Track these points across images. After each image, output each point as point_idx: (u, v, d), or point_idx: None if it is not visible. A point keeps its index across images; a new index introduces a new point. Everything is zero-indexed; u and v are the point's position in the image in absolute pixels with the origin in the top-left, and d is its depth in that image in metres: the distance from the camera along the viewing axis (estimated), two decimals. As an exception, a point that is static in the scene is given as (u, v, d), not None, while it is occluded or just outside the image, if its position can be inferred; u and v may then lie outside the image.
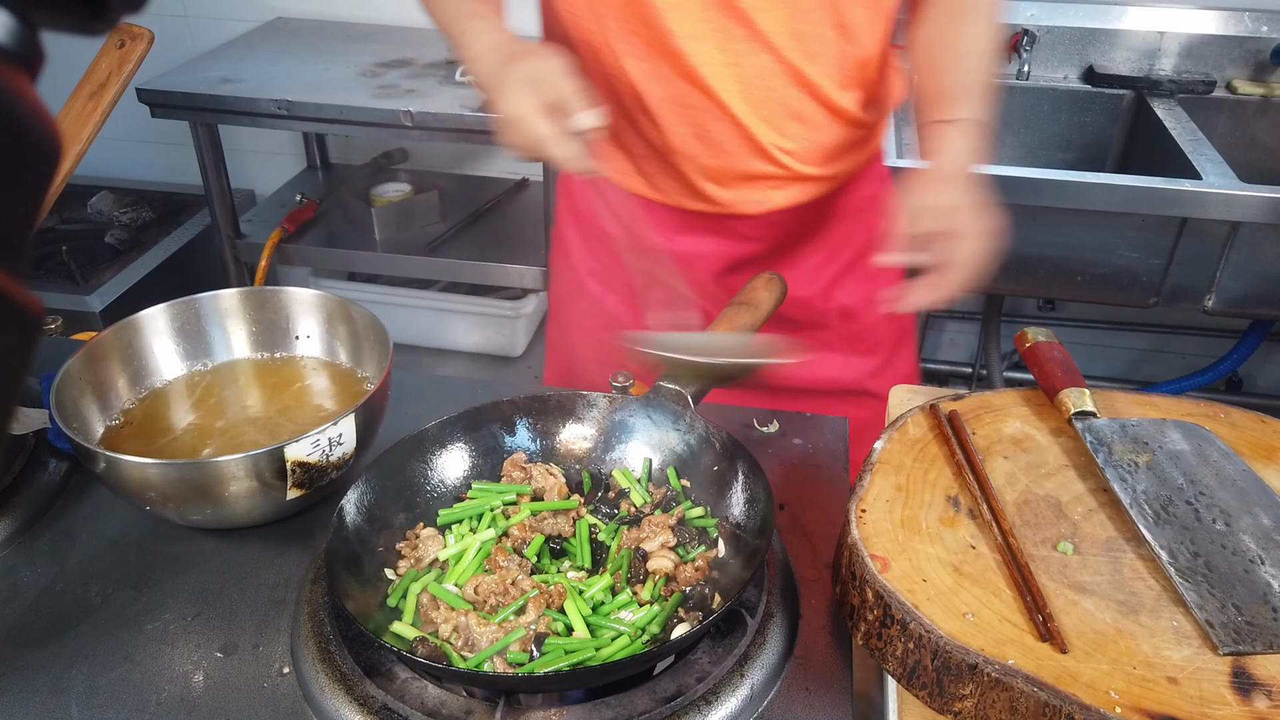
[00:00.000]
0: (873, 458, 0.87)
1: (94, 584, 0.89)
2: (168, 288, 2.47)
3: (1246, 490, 0.83)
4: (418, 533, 0.88)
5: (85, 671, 0.81)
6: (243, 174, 2.80)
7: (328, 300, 1.07)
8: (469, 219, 2.46)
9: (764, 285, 1.06)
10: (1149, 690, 0.65)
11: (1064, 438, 0.91)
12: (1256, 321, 2.37)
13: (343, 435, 0.89)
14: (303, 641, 0.80)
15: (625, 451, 0.97)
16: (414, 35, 2.50)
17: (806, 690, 0.79)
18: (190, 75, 2.20)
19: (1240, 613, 0.71)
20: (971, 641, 0.69)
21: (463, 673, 0.73)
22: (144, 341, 1.02)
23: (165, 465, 0.85)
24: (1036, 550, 0.78)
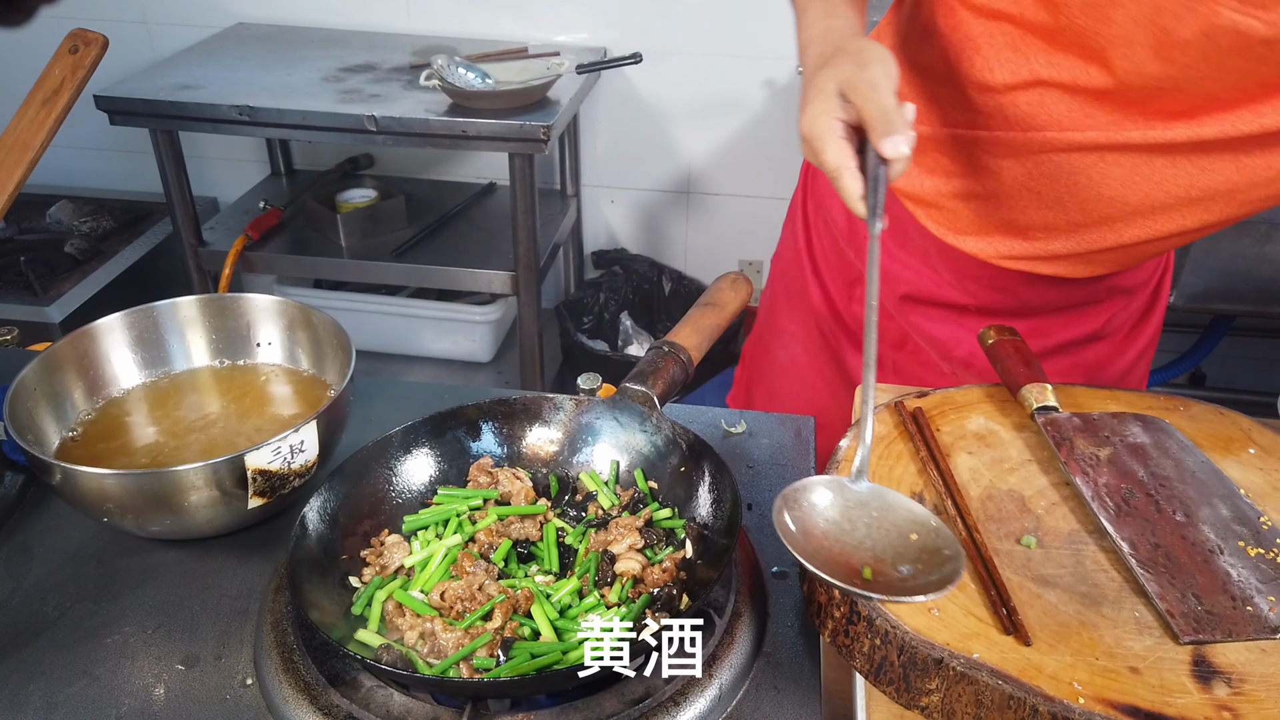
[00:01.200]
0: (838, 455, 0.87)
1: (51, 598, 0.88)
2: (129, 298, 2.42)
3: (1205, 482, 0.84)
4: (382, 540, 0.87)
5: (43, 687, 0.79)
6: (205, 181, 2.77)
7: (288, 307, 1.05)
8: (436, 224, 2.45)
9: (730, 285, 1.06)
10: (1112, 680, 0.66)
11: (1027, 433, 0.92)
12: (1218, 317, 2.40)
13: (304, 442, 0.88)
14: (266, 652, 0.79)
15: (592, 454, 0.96)
16: (377, 40, 2.49)
17: (775, 689, 0.79)
18: (150, 82, 2.17)
19: (1200, 602, 0.72)
20: (937, 636, 0.69)
21: (428, 679, 0.73)
22: (101, 351, 1.01)
23: (123, 475, 0.84)
24: (1000, 544, 0.78)
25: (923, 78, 1.02)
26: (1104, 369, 1.20)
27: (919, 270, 1.14)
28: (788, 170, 2.46)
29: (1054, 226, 1.01)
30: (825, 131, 0.79)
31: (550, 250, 2.40)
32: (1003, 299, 1.12)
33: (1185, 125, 0.88)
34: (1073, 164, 0.94)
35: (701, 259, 2.79)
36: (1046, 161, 0.96)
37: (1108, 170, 0.93)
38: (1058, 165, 0.95)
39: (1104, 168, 0.93)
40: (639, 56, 2.20)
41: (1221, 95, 0.85)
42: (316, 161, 2.78)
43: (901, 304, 1.17)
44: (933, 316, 1.17)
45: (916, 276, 1.14)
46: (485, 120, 2.04)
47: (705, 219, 2.74)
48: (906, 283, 1.15)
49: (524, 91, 2.08)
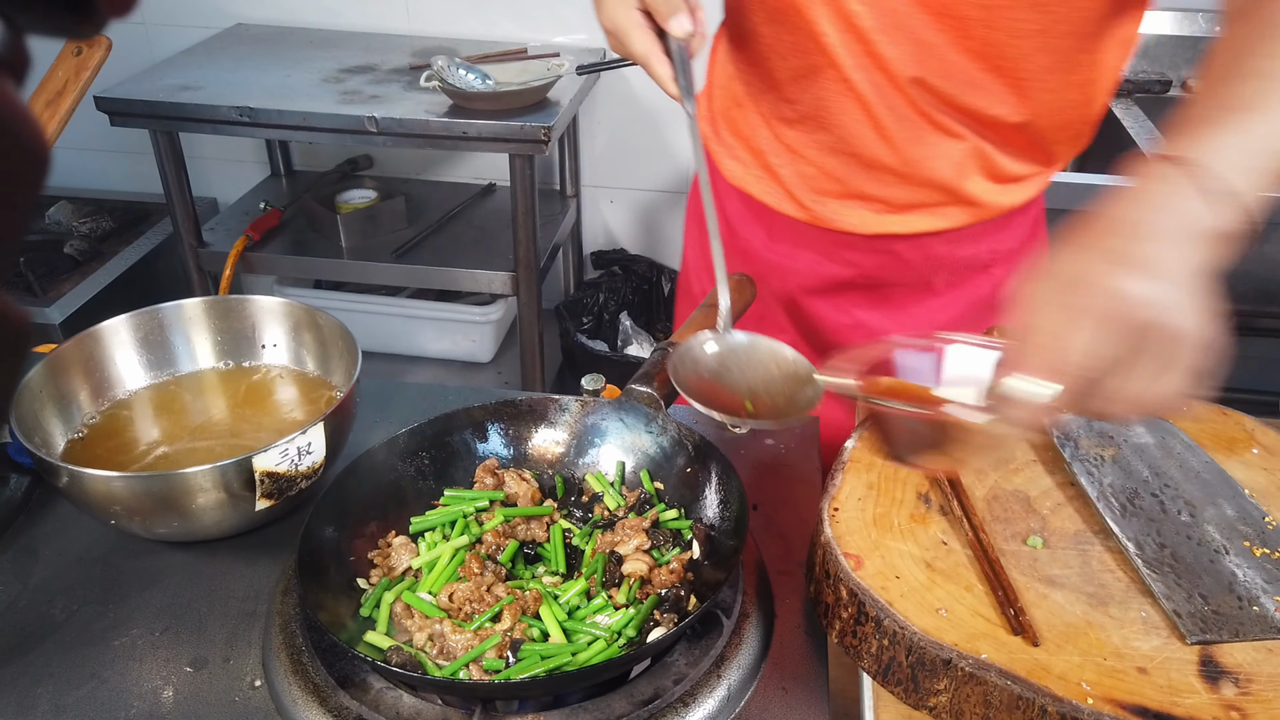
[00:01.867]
0: (844, 456, 0.88)
1: (59, 600, 0.88)
2: (129, 298, 2.42)
3: (1210, 482, 0.84)
4: (389, 541, 0.88)
5: (51, 690, 0.79)
6: (204, 182, 2.77)
7: (294, 308, 1.06)
8: (436, 225, 2.45)
9: (734, 287, 1.06)
10: (1120, 681, 0.66)
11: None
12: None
13: (311, 444, 0.88)
14: (274, 653, 0.79)
15: (598, 455, 0.97)
16: (377, 41, 2.49)
17: (783, 689, 0.79)
18: (149, 83, 2.17)
19: (1206, 602, 0.72)
20: (945, 637, 0.69)
21: (438, 681, 0.73)
22: (106, 353, 1.01)
23: (130, 478, 0.84)
24: (1007, 545, 0.79)
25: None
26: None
27: (811, 260, 1.16)
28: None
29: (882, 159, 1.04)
30: (626, 22, 0.86)
31: (550, 251, 2.40)
32: (887, 263, 1.13)
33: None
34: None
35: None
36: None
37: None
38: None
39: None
40: (639, 57, 2.20)
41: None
42: (316, 162, 2.78)
43: (803, 300, 1.20)
44: (830, 306, 1.19)
45: (808, 268, 1.17)
46: (485, 121, 2.04)
47: (705, 219, 2.74)
48: (798, 275, 1.18)
49: (524, 93, 2.08)
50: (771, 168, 1.12)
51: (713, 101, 1.19)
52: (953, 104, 0.98)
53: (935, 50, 0.94)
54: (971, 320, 1.18)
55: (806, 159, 1.08)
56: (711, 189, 0.87)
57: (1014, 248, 1.16)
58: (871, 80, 0.98)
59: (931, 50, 0.94)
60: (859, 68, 0.97)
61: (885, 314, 1.18)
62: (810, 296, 1.19)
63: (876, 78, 0.97)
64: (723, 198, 1.20)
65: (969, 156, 1.03)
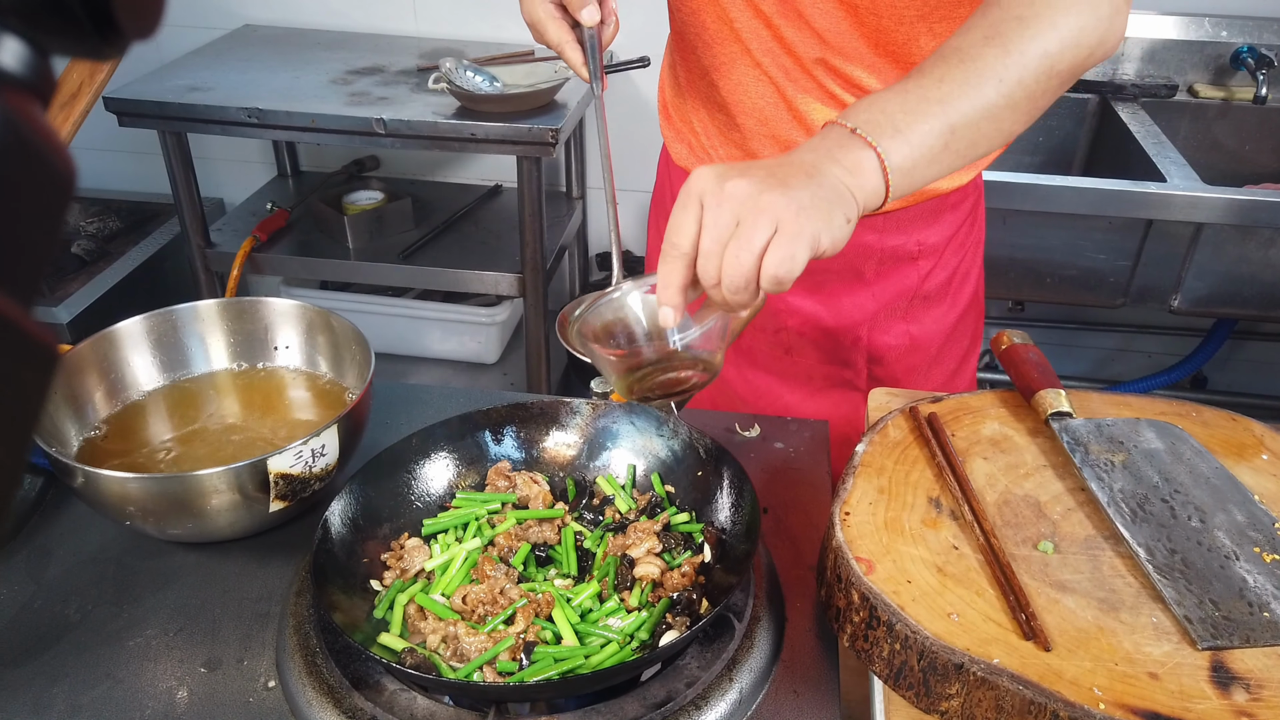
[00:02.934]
0: (854, 460, 0.88)
1: (73, 601, 0.88)
2: (137, 299, 2.44)
3: (1220, 488, 0.85)
4: (402, 543, 0.88)
5: (66, 690, 0.80)
6: (212, 182, 2.77)
7: (307, 310, 1.06)
8: (442, 226, 2.45)
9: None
10: (1131, 686, 0.66)
11: (1041, 438, 0.92)
12: (1220, 320, 2.41)
13: (325, 446, 0.89)
14: (288, 655, 0.80)
15: (609, 458, 0.97)
16: (384, 42, 2.49)
17: (794, 693, 0.80)
18: (158, 83, 2.18)
19: (1217, 608, 0.72)
20: (957, 641, 0.70)
21: (452, 683, 0.73)
22: (120, 354, 1.01)
23: (145, 479, 0.84)
24: (1018, 550, 0.79)
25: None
26: (937, 328, 1.26)
27: None
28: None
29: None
30: (542, 15, 0.96)
31: (556, 253, 2.40)
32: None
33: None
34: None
35: (706, 261, 2.80)
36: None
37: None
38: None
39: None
40: (646, 60, 2.20)
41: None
42: (323, 163, 2.78)
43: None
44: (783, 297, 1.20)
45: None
46: (493, 124, 2.05)
47: (710, 221, 2.74)
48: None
49: (532, 95, 2.08)
50: (707, 150, 1.17)
51: (664, 90, 1.24)
52: (857, 86, 1.03)
53: (833, 34, 1.00)
54: (900, 309, 1.23)
55: (734, 143, 1.14)
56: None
57: (941, 241, 1.19)
58: (780, 64, 1.03)
59: (829, 34, 1.00)
60: (767, 52, 1.03)
61: (818, 301, 1.21)
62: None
63: (784, 61, 1.03)
64: (674, 180, 1.24)
65: None
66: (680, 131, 1.22)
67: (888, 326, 1.23)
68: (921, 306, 1.23)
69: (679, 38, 1.15)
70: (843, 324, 1.22)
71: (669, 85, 1.24)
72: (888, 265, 1.19)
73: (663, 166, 1.33)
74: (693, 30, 1.09)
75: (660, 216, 1.36)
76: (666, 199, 1.31)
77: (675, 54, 1.19)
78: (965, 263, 1.25)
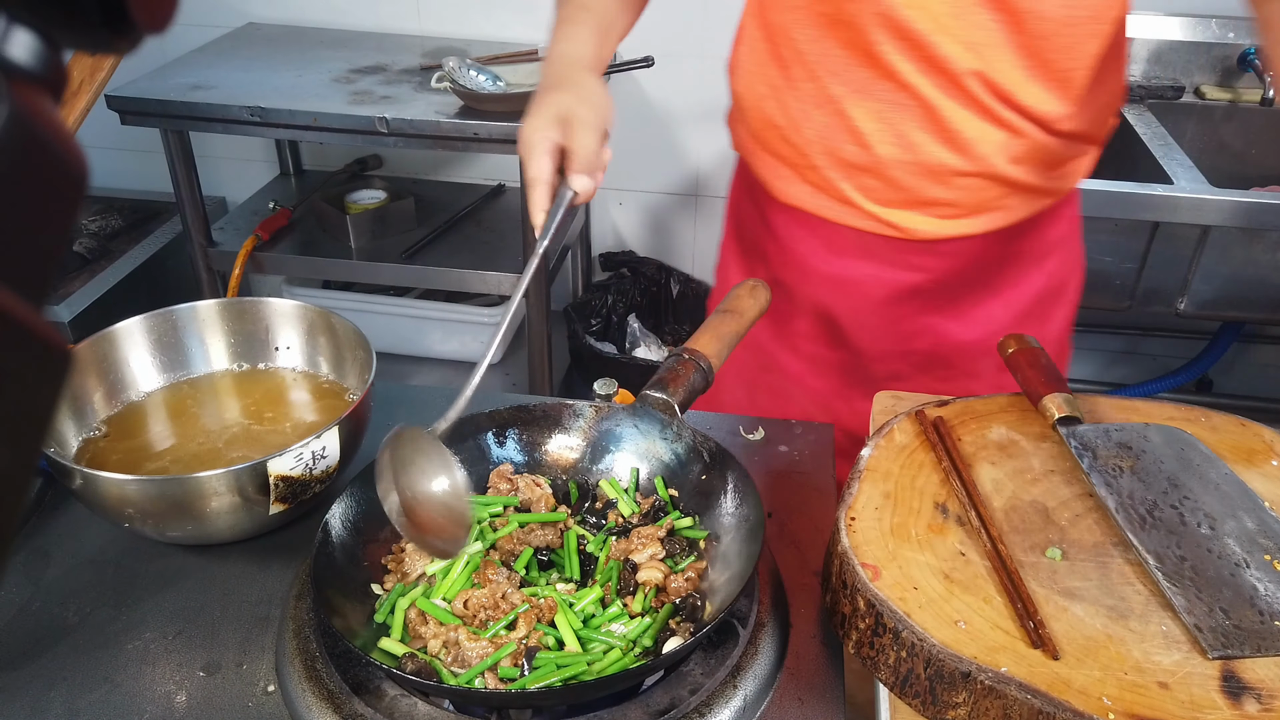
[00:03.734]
0: (860, 465, 0.87)
1: (71, 603, 0.87)
2: (138, 297, 2.43)
3: (1229, 494, 0.84)
4: (404, 547, 0.87)
5: (64, 694, 0.79)
6: (213, 181, 2.77)
7: (308, 311, 1.05)
8: (445, 226, 2.45)
9: (749, 293, 1.06)
10: (1141, 696, 0.66)
11: (1049, 443, 0.91)
12: (1227, 323, 2.40)
13: (326, 448, 0.88)
14: (288, 659, 0.79)
15: (612, 461, 0.96)
16: (388, 41, 2.49)
17: (799, 700, 0.79)
18: (161, 82, 2.17)
19: (1228, 616, 0.72)
20: (964, 649, 0.69)
21: (454, 689, 0.73)
22: (120, 354, 1.01)
23: (144, 481, 0.84)
24: (1025, 556, 0.78)
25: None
26: (1063, 330, 1.25)
27: (876, 269, 1.16)
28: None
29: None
30: (537, 146, 0.93)
31: (559, 253, 2.40)
32: (955, 265, 1.14)
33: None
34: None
35: (710, 262, 2.78)
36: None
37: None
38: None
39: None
40: (650, 60, 2.20)
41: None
42: (325, 162, 2.78)
43: (880, 310, 1.18)
44: (904, 314, 1.18)
45: (874, 277, 1.16)
46: (496, 123, 2.04)
47: (714, 222, 2.73)
48: (862, 285, 1.17)
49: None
50: (830, 182, 1.11)
51: (748, 124, 1.17)
52: (1009, 99, 1.01)
53: (989, 46, 0.98)
54: (1035, 317, 1.20)
55: (870, 172, 1.08)
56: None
57: (1064, 234, 1.18)
58: (934, 82, 1.00)
59: (986, 46, 0.98)
60: (919, 72, 1.00)
61: (950, 317, 1.18)
62: (877, 306, 1.18)
63: (937, 79, 1.00)
64: (769, 214, 1.20)
65: (1030, 150, 1.05)
66: (777, 167, 1.15)
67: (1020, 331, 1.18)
68: (1050, 305, 1.21)
69: (785, 68, 1.08)
70: (973, 336, 1.19)
71: (757, 120, 1.14)
72: (1020, 270, 1.16)
73: (747, 205, 1.27)
74: (813, 59, 1.04)
75: (738, 254, 1.31)
76: (763, 240, 1.24)
77: (768, 85, 1.10)
78: (1077, 251, 1.24)
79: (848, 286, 1.18)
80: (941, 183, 1.06)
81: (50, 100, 0.29)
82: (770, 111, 1.12)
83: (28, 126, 0.27)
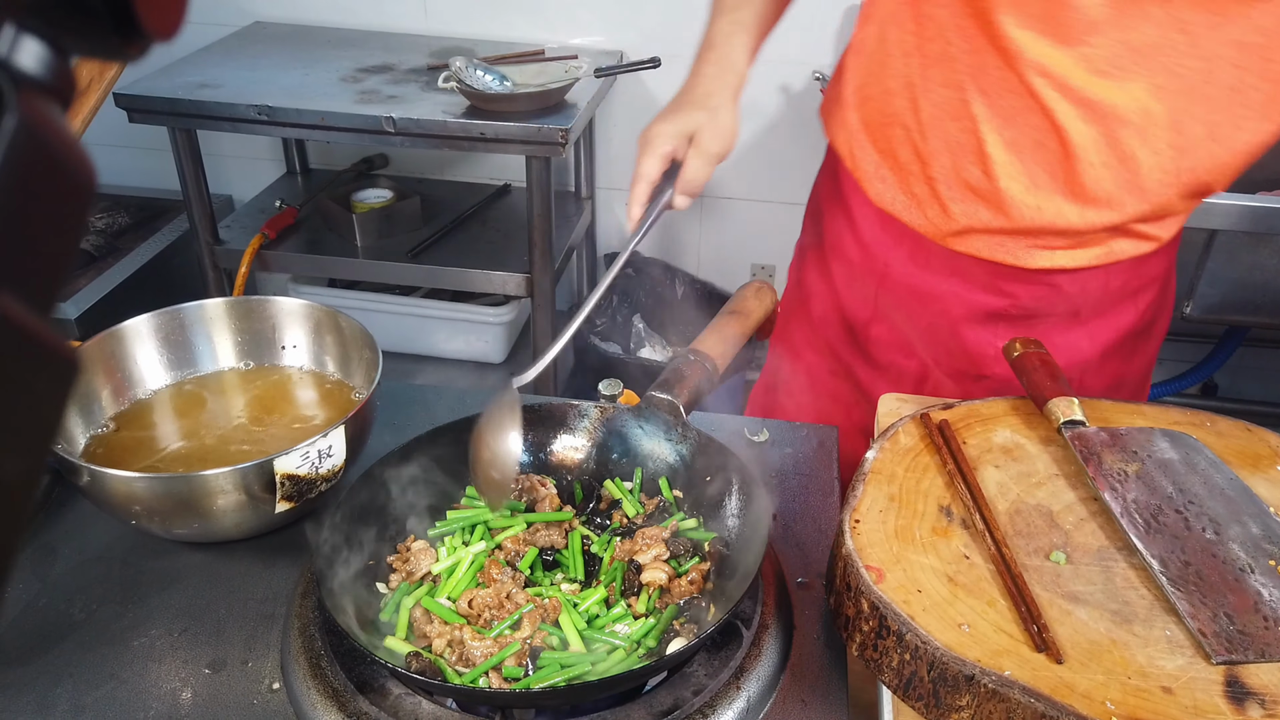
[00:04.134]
0: (865, 467, 0.87)
1: (78, 599, 0.88)
2: (145, 295, 2.44)
3: (1235, 499, 0.84)
4: (409, 545, 0.87)
5: (70, 689, 0.79)
6: (220, 179, 2.77)
7: (315, 310, 1.06)
8: (451, 225, 2.45)
9: (754, 294, 1.06)
10: (1144, 700, 0.66)
11: (1054, 446, 0.91)
12: (1233, 328, 2.40)
13: (332, 447, 0.88)
14: (293, 657, 0.79)
15: (617, 462, 0.96)
16: (395, 41, 2.49)
17: (802, 702, 0.79)
18: (168, 80, 2.18)
19: (1232, 622, 0.72)
20: (968, 652, 0.69)
21: (458, 688, 0.73)
22: (128, 352, 1.01)
23: (151, 479, 0.84)
24: (1029, 560, 0.78)
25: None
26: (1147, 365, 1.20)
27: (960, 289, 1.11)
28: (801, 176, 2.45)
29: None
30: (655, 148, 0.99)
31: (564, 253, 2.40)
32: (1044, 294, 1.09)
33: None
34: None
35: (715, 263, 2.79)
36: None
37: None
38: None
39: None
40: (658, 61, 2.20)
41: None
42: (331, 161, 2.78)
43: (956, 329, 1.14)
44: (981, 336, 1.14)
45: (957, 295, 1.12)
46: (503, 123, 2.04)
47: (719, 223, 2.74)
48: (957, 303, 1.12)
49: (542, 94, 2.08)
50: (939, 197, 1.05)
51: (862, 114, 1.11)
52: (1184, 158, 0.96)
53: (1168, 94, 0.92)
54: (1121, 353, 1.14)
55: (988, 201, 1.02)
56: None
57: (1162, 271, 1.12)
58: (1091, 132, 0.95)
59: (1164, 94, 0.92)
60: (1078, 118, 0.94)
61: (1043, 335, 1.10)
62: (955, 324, 1.14)
63: (1098, 128, 0.95)
64: (856, 213, 1.16)
65: (1156, 210, 1.00)
66: (882, 173, 1.09)
67: (1100, 367, 1.14)
68: (1138, 342, 1.16)
69: (927, 72, 1.01)
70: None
71: (902, 123, 1.06)
72: (1109, 303, 1.10)
73: (832, 202, 1.22)
74: (961, 71, 0.98)
75: (816, 253, 1.27)
76: (845, 241, 1.19)
77: (916, 92, 1.03)
78: (1171, 287, 1.18)
79: (926, 299, 1.13)
80: (1058, 231, 1.02)
81: (58, 108, 0.29)
82: (899, 108, 1.04)
83: (36, 136, 0.27)
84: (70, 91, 0.30)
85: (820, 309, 1.26)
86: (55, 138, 0.28)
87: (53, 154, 0.28)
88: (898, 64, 1.03)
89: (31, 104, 0.28)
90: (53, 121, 0.28)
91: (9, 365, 0.27)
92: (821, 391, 1.31)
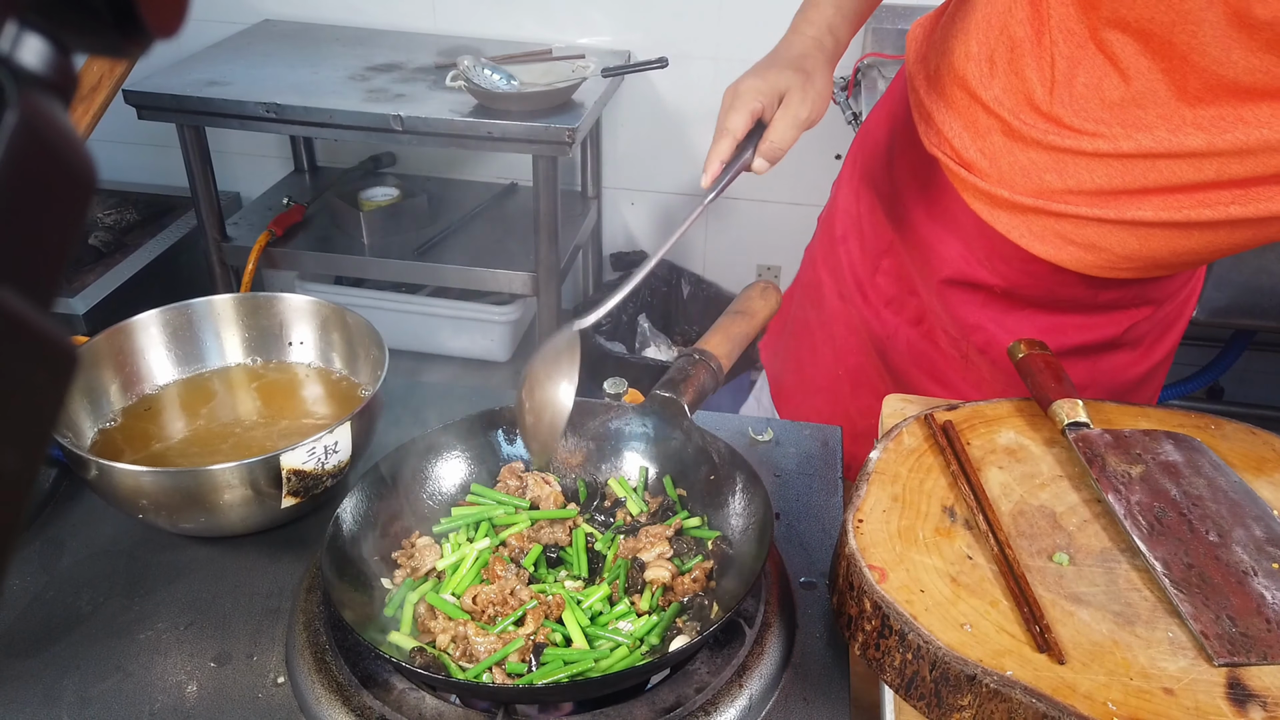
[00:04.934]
0: (868, 467, 0.87)
1: (85, 592, 0.88)
2: (152, 291, 2.45)
3: (1238, 502, 0.84)
4: (413, 542, 0.88)
5: (77, 682, 0.80)
6: (228, 176, 2.78)
7: (322, 307, 1.06)
8: (458, 223, 2.46)
9: (759, 294, 1.06)
10: (1146, 701, 0.66)
11: (1057, 448, 0.92)
12: (1238, 331, 2.39)
13: (338, 443, 0.89)
14: (298, 651, 0.80)
15: (621, 460, 0.97)
16: (403, 39, 2.50)
17: (804, 700, 0.79)
18: (177, 77, 2.19)
19: (1234, 624, 0.72)
20: (970, 652, 0.69)
21: (462, 684, 0.73)
22: (136, 347, 1.02)
23: (158, 473, 0.84)
24: (1032, 561, 0.78)
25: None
26: (1119, 377, 1.19)
27: (959, 252, 1.11)
28: (806, 176, 2.45)
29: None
30: (743, 104, 0.95)
31: (570, 252, 2.40)
32: (1031, 284, 1.09)
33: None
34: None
35: (720, 263, 2.80)
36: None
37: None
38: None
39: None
40: (665, 61, 2.20)
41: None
42: (339, 159, 2.79)
43: (940, 287, 1.15)
44: (963, 299, 1.15)
45: (957, 257, 1.11)
46: (510, 122, 2.05)
47: (724, 223, 2.74)
48: (949, 264, 1.12)
49: (549, 94, 2.08)
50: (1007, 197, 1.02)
51: (954, 72, 1.04)
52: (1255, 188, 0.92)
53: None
54: (1091, 351, 1.14)
55: (1064, 217, 1.00)
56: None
57: (1171, 292, 1.13)
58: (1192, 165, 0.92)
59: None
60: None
61: (1019, 320, 1.13)
62: (941, 285, 1.14)
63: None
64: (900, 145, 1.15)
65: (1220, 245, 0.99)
66: (953, 126, 1.06)
67: (1069, 362, 1.13)
68: (1107, 353, 1.16)
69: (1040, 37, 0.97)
70: (1058, 345, 1.11)
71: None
72: (1096, 310, 1.11)
73: (883, 171, 1.21)
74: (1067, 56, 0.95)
75: (831, 233, 1.28)
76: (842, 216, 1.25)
77: (1023, 53, 0.98)
78: (1197, 288, 1.19)
79: (928, 252, 1.14)
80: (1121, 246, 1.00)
81: (60, 105, 0.29)
82: (1000, 70, 0.99)
83: (38, 132, 0.28)
84: (71, 88, 0.30)
85: (843, 227, 1.27)
86: (56, 134, 0.28)
87: (54, 150, 0.28)
88: (1008, 19, 0.98)
89: (33, 100, 0.28)
90: (54, 118, 0.28)
91: (8, 358, 0.27)
92: (832, 386, 1.31)
